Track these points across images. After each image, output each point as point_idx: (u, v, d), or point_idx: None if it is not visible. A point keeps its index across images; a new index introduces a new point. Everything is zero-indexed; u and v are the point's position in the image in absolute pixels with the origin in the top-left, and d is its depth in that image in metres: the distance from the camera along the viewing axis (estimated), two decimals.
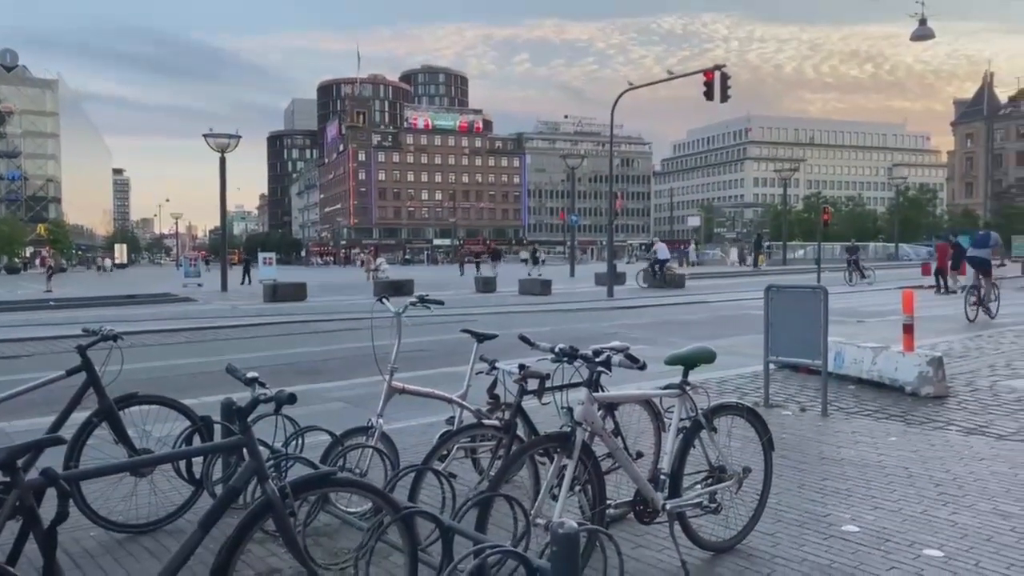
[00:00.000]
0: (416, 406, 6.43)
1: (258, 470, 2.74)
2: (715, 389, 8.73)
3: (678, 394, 3.97)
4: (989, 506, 4.66)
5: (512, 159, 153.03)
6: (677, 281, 30.77)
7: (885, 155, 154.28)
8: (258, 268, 40.22)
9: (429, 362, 11.07)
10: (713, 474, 4.05)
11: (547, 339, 3.94)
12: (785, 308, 7.77)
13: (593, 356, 3.49)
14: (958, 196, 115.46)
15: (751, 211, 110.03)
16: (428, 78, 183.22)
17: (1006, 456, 5.74)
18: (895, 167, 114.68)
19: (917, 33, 26.60)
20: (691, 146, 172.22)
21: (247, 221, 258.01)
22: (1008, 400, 7.80)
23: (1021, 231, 71.08)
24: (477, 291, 28.95)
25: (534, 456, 3.91)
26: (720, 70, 23.25)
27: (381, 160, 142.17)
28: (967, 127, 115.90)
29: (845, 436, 6.48)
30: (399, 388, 4.64)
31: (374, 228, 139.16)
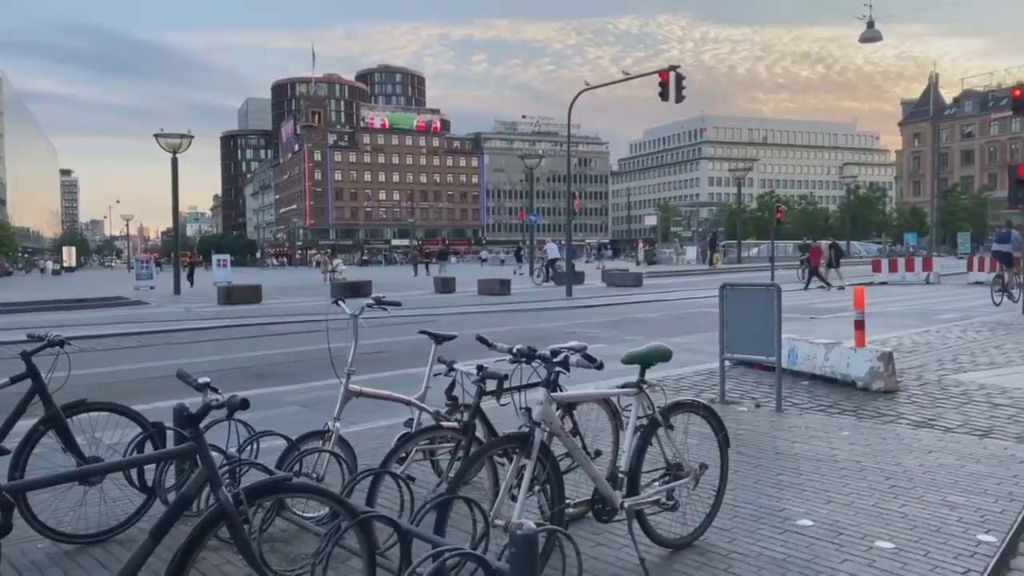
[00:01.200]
0: (374, 409, 6.38)
1: (210, 477, 2.68)
2: (673, 387, 8.82)
3: (635, 393, 4.00)
4: (937, 497, 4.77)
5: (470, 159, 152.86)
6: (634, 280, 31.04)
7: (836, 154, 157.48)
8: (211, 270, 39.56)
9: (388, 364, 11.00)
10: (670, 471, 4.08)
11: (507, 339, 3.94)
12: (739, 306, 7.88)
13: (551, 356, 3.49)
14: (906, 194, 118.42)
15: (707, 210, 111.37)
16: (385, 77, 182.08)
17: (953, 448, 5.89)
18: (846, 166, 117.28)
19: (865, 35, 27.22)
20: (647, 146, 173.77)
21: (201, 222, 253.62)
22: (955, 394, 8.00)
23: (966, 228, 73.13)
24: (436, 292, 28.85)
25: (493, 457, 3.89)
26: (675, 71, 23.49)
27: (338, 160, 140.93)
28: (914, 127, 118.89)
29: (799, 431, 6.59)
30: (356, 391, 4.60)
31: (331, 229, 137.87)
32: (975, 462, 5.50)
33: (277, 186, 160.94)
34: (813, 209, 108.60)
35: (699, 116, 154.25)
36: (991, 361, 10.02)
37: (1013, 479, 5.08)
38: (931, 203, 64.20)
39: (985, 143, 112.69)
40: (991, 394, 7.92)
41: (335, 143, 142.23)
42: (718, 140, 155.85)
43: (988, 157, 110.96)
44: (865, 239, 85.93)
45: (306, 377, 10.03)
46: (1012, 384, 8.37)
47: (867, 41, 27.61)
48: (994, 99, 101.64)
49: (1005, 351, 10.84)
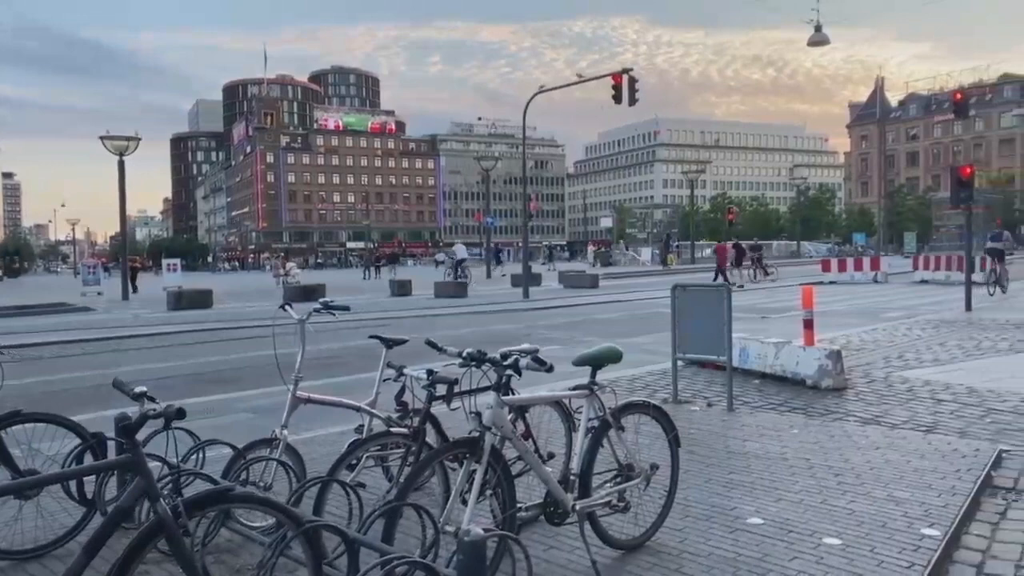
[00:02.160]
0: (325, 415, 6.29)
1: (147, 488, 2.60)
2: (627, 387, 8.87)
3: (586, 394, 3.99)
4: (884, 493, 4.85)
5: (426, 160, 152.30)
6: (590, 282, 31.21)
7: (786, 156, 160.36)
8: (161, 274, 38.74)
9: (341, 368, 10.87)
10: (622, 473, 4.09)
11: (463, 342, 3.90)
12: (691, 306, 7.95)
13: (501, 360, 3.46)
14: (855, 195, 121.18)
15: (661, 212, 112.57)
16: (338, 79, 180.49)
17: (899, 444, 6.01)
18: (796, 168, 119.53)
19: (813, 39, 27.76)
20: (603, 148, 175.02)
21: (151, 226, 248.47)
22: (901, 390, 8.18)
23: (912, 228, 75.02)
24: (392, 295, 28.65)
25: (444, 462, 3.85)
26: (628, 73, 23.68)
27: (291, 162, 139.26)
28: (861, 129, 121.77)
29: (750, 429, 6.66)
30: (304, 398, 4.52)
31: (284, 231, 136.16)
32: (920, 457, 5.62)
33: (229, 189, 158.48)
34: (764, 210, 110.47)
35: (653, 119, 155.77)
36: (935, 358, 10.26)
37: (956, 473, 5.20)
38: (878, 204, 65.83)
39: (929, 145, 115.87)
40: (935, 390, 8.11)
41: (288, 145, 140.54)
42: (672, 143, 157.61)
43: (932, 159, 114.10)
44: (815, 239, 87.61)
45: (258, 383, 9.86)
46: (955, 380, 8.58)
47: (815, 45, 28.17)
48: (937, 102, 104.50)
49: (948, 348, 11.11)
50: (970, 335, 12.42)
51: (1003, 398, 7.64)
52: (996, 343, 11.45)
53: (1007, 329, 13.06)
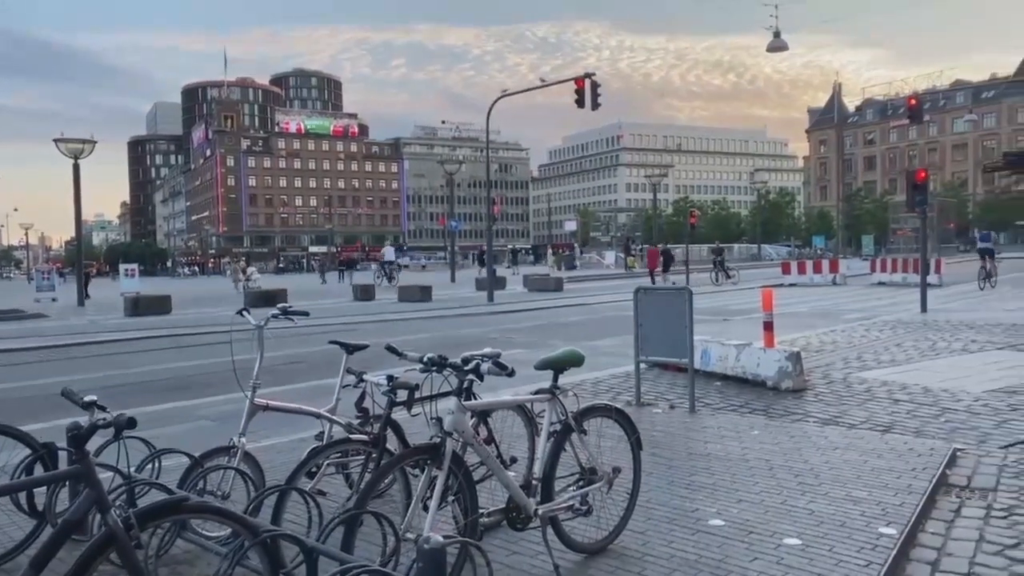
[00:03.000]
0: (286, 422, 6.20)
1: (97, 500, 2.53)
2: (591, 390, 8.90)
3: (548, 398, 3.99)
4: (842, 493, 4.91)
5: (390, 164, 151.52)
6: (554, 285, 31.30)
7: (747, 160, 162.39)
8: (118, 280, 38.01)
9: (302, 374, 10.75)
10: (584, 476, 4.08)
11: (427, 346, 3.87)
12: (653, 309, 8.00)
13: (462, 364, 3.44)
14: (814, 199, 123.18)
15: (624, 215, 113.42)
16: (300, 81, 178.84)
17: (857, 445, 6.10)
18: (756, 172, 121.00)
19: (772, 45, 28.17)
20: (567, 152, 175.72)
21: (108, 230, 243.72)
22: (859, 391, 8.31)
23: (869, 231, 76.45)
24: (356, 299, 28.42)
25: (405, 469, 3.81)
26: (590, 78, 23.80)
27: (252, 165, 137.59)
28: (820, 134, 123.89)
29: (712, 431, 6.71)
30: (263, 405, 4.45)
31: (245, 236, 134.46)
32: (877, 457, 5.70)
33: (188, 192, 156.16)
34: (726, 214, 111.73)
35: (616, 123, 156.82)
36: (892, 359, 10.45)
37: (912, 472, 5.28)
38: (837, 207, 67.05)
39: (886, 149, 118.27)
40: (892, 391, 8.25)
41: (249, 148, 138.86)
42: (635, 147, 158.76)
43: (889, 163, 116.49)
44: (776, 242, 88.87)
45: (217, 390, 9.70)
46: (911, 380, 8.74)
47: (774, 51, 28.59)
48: (893, 108, 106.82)
49: (905, 349, 11.33)
50: (925, 336, 12.68)
51: (957, 398, 7.80)
52: (950, 344, 11.70)
53: (960, 330, 13.35)
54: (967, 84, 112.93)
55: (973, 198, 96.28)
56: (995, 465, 5.53)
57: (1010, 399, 7.65)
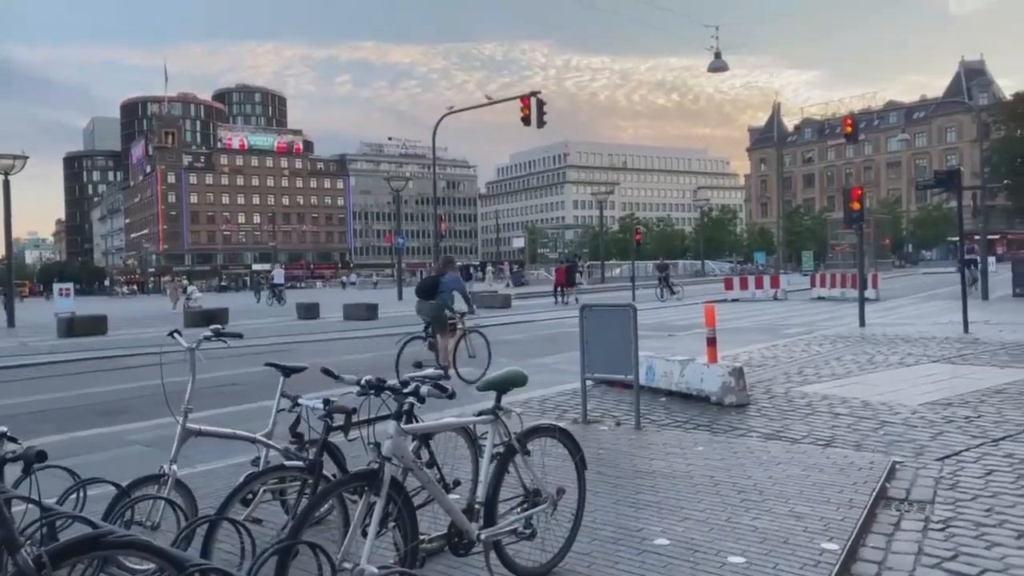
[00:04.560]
0: (222, 447, 5.99)
1: (5, 539, 2.36)
2: (537, 408, 8.84)
3: (491, 420, 3.91)
4: (785, 509, 4.93)
5: (335, 181, 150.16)
6: (501, 302, 31.26)
7: (690, 178, 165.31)
8: (51, 300, 36.73)
9: (242, 396, 10.46)
10: (528, 498, 4.01)
11: (371, 366, 3.76)
12: (598, 326, 8.00)
13: (401, 387, 3.35)
14: (755, 216, 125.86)
15: (572, 232, 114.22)
16: (243, 97, 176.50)
17: (799, 459, 6.15)
18: (699, 190, 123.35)
19: (713, 65, 28.75)
20: (514, 169, 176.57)
21: (42, 248, 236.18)
22: (800, 405, 8.42)
23: (809, 247, 78.33)
24: (300, 318, 27.96)
25: (343, 495, 3.69)
26: (536, 96, 23.94)
27: (193, 182, 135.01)
28: (760, 152, 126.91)
29: (657, 448, 6.71)
30: (195, 430, 4.28)
31: (186, 254, 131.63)
32: (819, 471, 5.76)
33: (127, 210, 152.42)
34: (671, 230, 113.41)
35: (563, 141, 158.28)
36: (832, 373, 10.63)
37: (853, 486, 5.34)
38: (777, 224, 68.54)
39: (823, 168, 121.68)
40: (833, 404, 8.38)
41: (190, 164, 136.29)
42: (581, 164, 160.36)
43: (826, 181, 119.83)
44: (719, 258, 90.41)
45: (152, 413, 9.35)
46: (851, 394, 8.89)
47: (715, 71, 29.18)
48: (830, 127, 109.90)
49: (844, 363, 11.55)
50: (864, 350, 12.95)
51: (895, 411, 7.95)
52: (888, 357, 11.97)
53: (897, 343, 13.69)
54: (899, 105, 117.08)
55: (907, 215, 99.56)
56: (932, 477, 5.62)
57: (944, 411, 7.83)
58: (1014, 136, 30.90)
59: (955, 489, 5.33)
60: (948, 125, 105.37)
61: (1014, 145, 30.52)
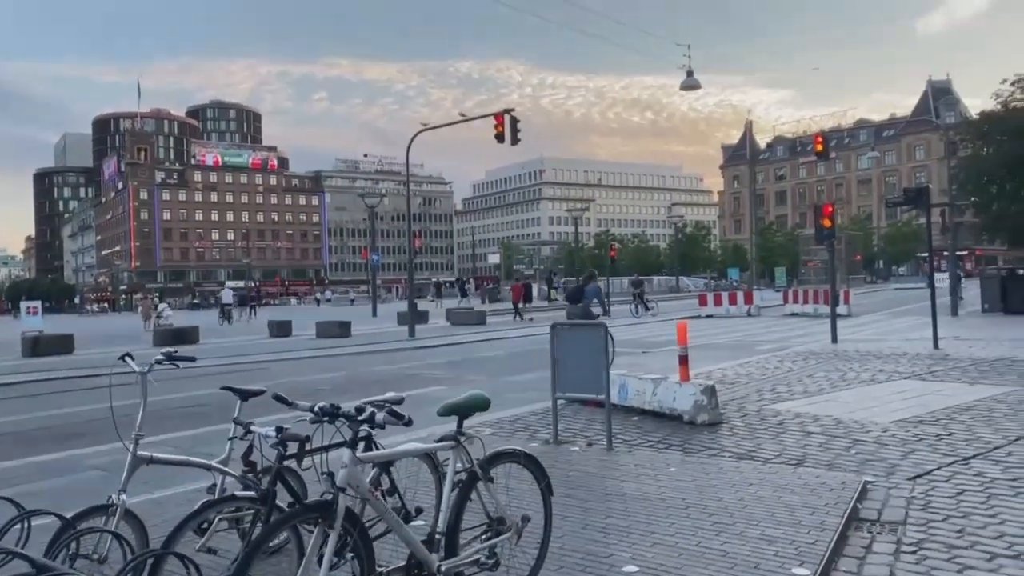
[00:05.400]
0: (179, 473, 5.80)
1: None
2: (508, 428, 8.73)
3: (452, 446, 3.79)
4: (756, 532, 4.84)
5: (310, 197, 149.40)
6: (477, 319, 31.13)
7: (665, 195, 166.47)
8: (19, 318, 36.01)
9: (204, 419, 10.22)
10: (492, 527, 3.88)
11: (342, 385, 3.63)
12: (570, 344, 7.90)
13: (356, 414, 3.21)
14: (728, 232, 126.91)
15: (548, 248, 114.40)
16: (218, 113, 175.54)
17: (771, 480, 6.07)
18: (674, 206, 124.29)
19: (685, 83, 28.95)
20: (490, 186, 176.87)
21: (11, 266, 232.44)
22: (773, 424, 8.36)
23: (782, 263, 79.01)
24: (271, 336, 27.63)
25: (297, 526, 3.54)
26: (509, 114, 23.95)
27: (166, 198, 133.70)
28: (733, 169, 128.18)
29: (628, 469, 6.60)
30: (147, 458, 4.13)
31: (159, 271, 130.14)
32: (790, 492, 5.68)
33: (99, 227, 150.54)
34: (646, 247, 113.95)
35: (539, 158, 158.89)
36: (805, 390, 10.61)
37: (824, 508, 5.26)
38: (750, 240, 69.05)
39: (795, 185, 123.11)
40: (805, 423, 8.33)
41: (163, 181, 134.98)
42: (557, 181, 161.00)
43: (798, 197, 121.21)
44: (693, 274, 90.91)
45: (112, 436, 9.09)
46: (823, 412, 8.86)
47: (687, 89, 29.37)
48: (801, 145, 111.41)
49: (817, 380, 11.54)
50: (836, 366, 12.97)
51: (867, 429, 7.92)
52: (859, 374, 11.99)
53: (869, 360, 13.73)
54: (869, 123, 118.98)
55: (878, 231, 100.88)
56: (903, 497, 5.57)
57: (915, 429, 7.81)
58: (980, 154, 31.38)
59: (927, 510, 5.28)
60: (917, 143, 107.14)
61: (980, 163, 30.97)
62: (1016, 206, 29.36)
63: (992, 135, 29.96)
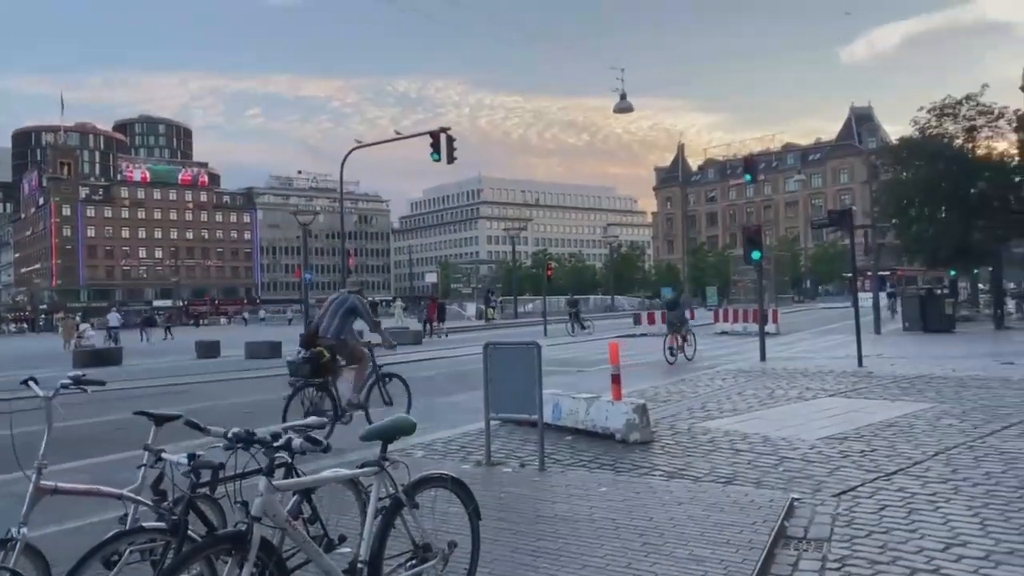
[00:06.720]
0: (90, 502, 5.51)
1: None
2: (441, 449, 8.61)
3: (376, 471, 3.67)
4: (685, 552, 4.83)
5: (242, 214, 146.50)
6: (413, 338, 30.86)
7: (600, 216, 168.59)
8: None
9: (121, 445, 9.78)
10: (417, 554, 3.78)
11: (271, 408, 3.48)
12: (503, 364, 7.85)
13: (272, 440, 3.08)
14: (662, 252, 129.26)
15: (485, 267, 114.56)
16: (147, 128, 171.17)
17: (700, 498, 6.10)
18: (609, 227, 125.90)
19: (618, 106, 29.43)
20: (428, 204, 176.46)
21: None
22: (703, 442, 8.43)
23: (713, 283, 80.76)
24: (198, 357, 26.83)
25: (211, 559, 3.37)
26: (445, 132, 23.92)
27: (91, 215, 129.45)
28: (666, 191, 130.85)
29: (560, 490, 6.56)
30: (50, 488, 3.89)
31: (82, 290, 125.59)
32: (719, 511, 5.70)
33: (18, 243, 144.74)
34: (582, 266, 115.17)
35: (476, 177, 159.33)
36: (734, 408, 10.77)
37: (752, 526, 5.29)
38: (683, 260, 70.39)
39: (726, 206, 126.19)
40: (734, 440, 8.43)
41: (88, 197, 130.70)
42: (495, 200, 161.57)
43: (729, 219, 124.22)
44: (628, 293, 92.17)
45: (12, 466, 8.64)
46: (752, 430, 8.98)
47: (621, 112, 29.85)
48: (731, 168, 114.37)
49: (746, 397, 11.73)
50: (765, 384, 13.22)
51: (794, 446, 8.05)
52: (787, 391, 12.23)
53: (796, 377, 14.04)
54: (796, 147, 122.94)
55: (805, 252, 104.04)
56: (829, 514, 5.65)
57: (840, 446, 7.97)
58: (899, 178, 32.68)
59: (851, 526, 5.36)
60: (841, 167, 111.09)
61: (899, 187, 32.25)
62: (933, 228, 30.60)
63: (910, 160, 31.23)
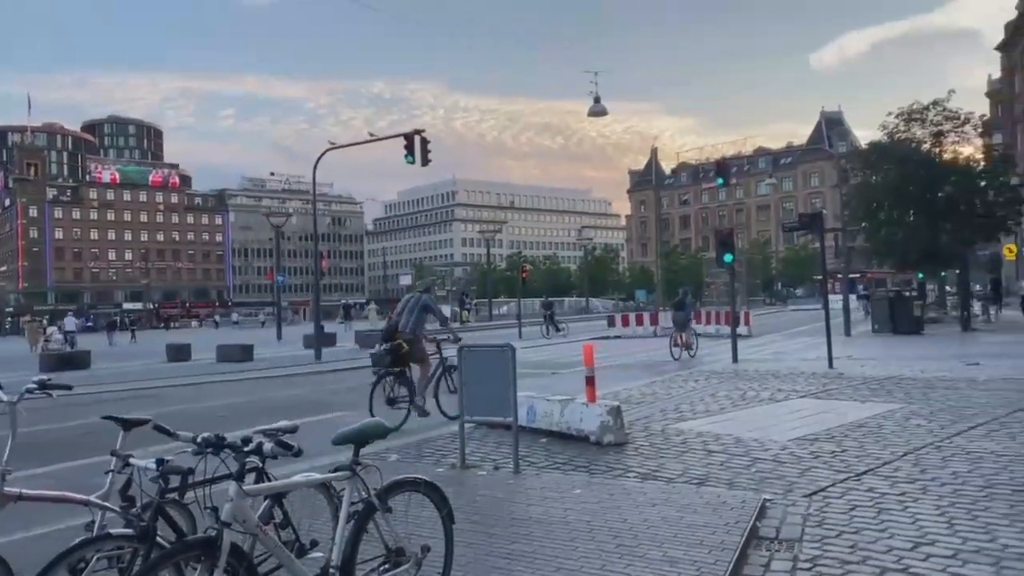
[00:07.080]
0: (56, 509, 5.41)
1: None
2: (415, 452, 8.57)
3: (348, 476, 3.65)
4: (659, 553, 4.85)
5: (214, 216, 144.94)
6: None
7: (575, 218, 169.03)
8: None
9: (89, 450, 9.63)
10: (390, 559, 3.76)
11: (244, 411, 3.44)
12: (478, 367, 7.83)
13: (242, 444, 3.05)
14: (636, 255, 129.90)
15: (460, 269, 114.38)
16: (116, 129, 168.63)
17: (674, 500, 6.13)
18: (583, 229, 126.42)
19: (592, 110, 29.54)
20: (402, 207, 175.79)
21: None
22: (676, 443, 8.48)
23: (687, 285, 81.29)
24: (169, 360, 26.51)
25: (180, 565, 3.33)
26: (419, 134, 23.82)
27: (59, 216, 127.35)
28: (640, 194, 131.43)
29: (535, 493, 6.56)
30: (15, 495, 3.81)
31: (49, 292, 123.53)
32: (692, 512, 5.74)
33: None
34: (556, 268, 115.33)
35: (451, 179, 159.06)
36: (707, 409, 10.83)
37: (725, 527, 5.33)
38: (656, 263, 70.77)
39: (699, 209, 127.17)
40: (707, 441, 8.48)
41: (56, 198, 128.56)
42: (469, 203, 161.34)
43: (701, 222, 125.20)
44: (603, 296, 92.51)
45: None
46: (724, 431, 9.05)
47: (595, 115, 29.98)
48: (704, 171, 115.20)
49: (719, 399, 11.81)
50: (737, 385, 13.32)
51: (765, 447, 8.12)
52: (759, 393, 12.33)
53: (768, 379, 14.16)
54: (768, 151, 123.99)
55: (776, 254, 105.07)
56: (800, 515, 5.70)
57: (812, 447, 8.05)
58: (869, 182, 33.12)
59: (822, 526, 5.41)
60: (812, 171, 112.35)
61: (868, 191, 32.69)
62: (902, 232, 31.04)
63: (879, 164, 31.67)
